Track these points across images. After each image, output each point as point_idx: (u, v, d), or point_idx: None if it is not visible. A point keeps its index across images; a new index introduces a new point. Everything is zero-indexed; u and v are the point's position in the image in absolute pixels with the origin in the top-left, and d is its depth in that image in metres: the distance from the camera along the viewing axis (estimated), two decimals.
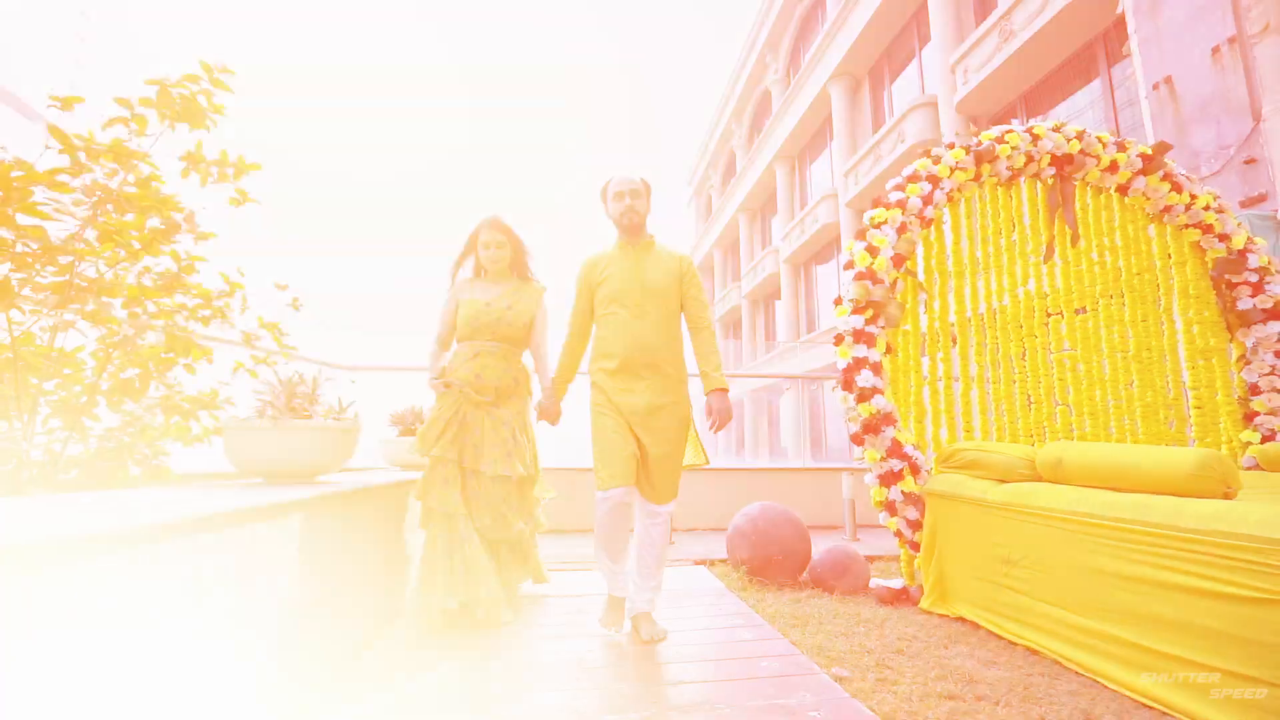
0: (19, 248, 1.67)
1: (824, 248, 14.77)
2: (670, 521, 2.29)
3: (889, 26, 11.57)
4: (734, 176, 20.75)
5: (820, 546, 3.02)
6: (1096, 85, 7.56)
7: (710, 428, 2.18)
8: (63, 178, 1.84)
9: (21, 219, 1.74)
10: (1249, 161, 5.24)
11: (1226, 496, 1.62)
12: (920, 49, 11.07)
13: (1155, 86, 5.98)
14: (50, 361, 1.90)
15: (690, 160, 26.75)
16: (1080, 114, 7.84)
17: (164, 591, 1.03)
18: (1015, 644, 2.07)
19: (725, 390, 2.21)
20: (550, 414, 2.43)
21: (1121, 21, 6.68)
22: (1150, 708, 1.57)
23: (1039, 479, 2.20)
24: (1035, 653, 1.98)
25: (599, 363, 2.27)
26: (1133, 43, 6.18)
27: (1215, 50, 5.48)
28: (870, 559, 3.64)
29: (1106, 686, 1.71)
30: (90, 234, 1.89)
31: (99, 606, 0.90)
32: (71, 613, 0.85)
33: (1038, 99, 8.54)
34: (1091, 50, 7.60)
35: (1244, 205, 5.06)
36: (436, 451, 2.34)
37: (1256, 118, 5.22)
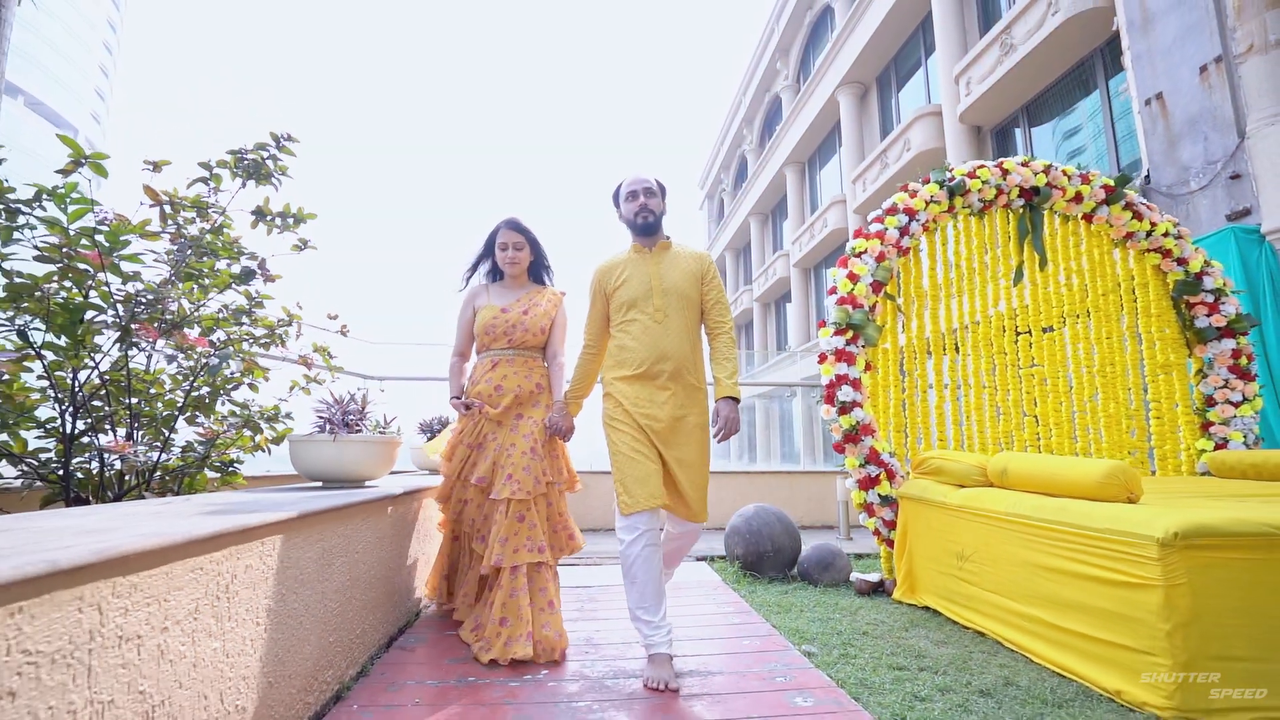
0: (138, 299, 2.05)
1: (833, 252, 15.00)
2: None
3: (896, 35, 11.79)
4: (745, 180, 21.01)
5: (812, 545, 3.34)
6: (1096, 97, 7.76)
7: (715, 436, 2.05)
8: (153, 227, 2.24)
9: (125, 266, 2.13)
10: (1234, 177, 5.44)
11: (1130, 501, 1.92)
12: (926, 58, 11.28)
13: (1147, 102, 6.19)
14: (144, 385, 2.30)
15: (703, 163, 27.03)
16: (1081, 124, 8.04)
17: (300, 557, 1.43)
18: (967, 628, 2.38)
19: (736, 399, 2.06)
20: (563, 432, 2.33)
21: (1117, 36, 6.87)
22: (1061, 676, 1.89)
23: (990, 484, 2.50)
24: (982, 635, 2.30)
25: (616, 371, 2.13)
26: (1126, 59, 6.41)
27: (1203, 69, 5.68)
28: (859, 556, 3.95)
29: (1031, 660, 2.02)
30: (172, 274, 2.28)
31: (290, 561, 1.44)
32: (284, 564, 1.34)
33: (1039, 110, 8.74)
34: (1090, 63, 7.79)
35: (1230, 219, 5.27)
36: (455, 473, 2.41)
37: (1242, 134, 5.42)
